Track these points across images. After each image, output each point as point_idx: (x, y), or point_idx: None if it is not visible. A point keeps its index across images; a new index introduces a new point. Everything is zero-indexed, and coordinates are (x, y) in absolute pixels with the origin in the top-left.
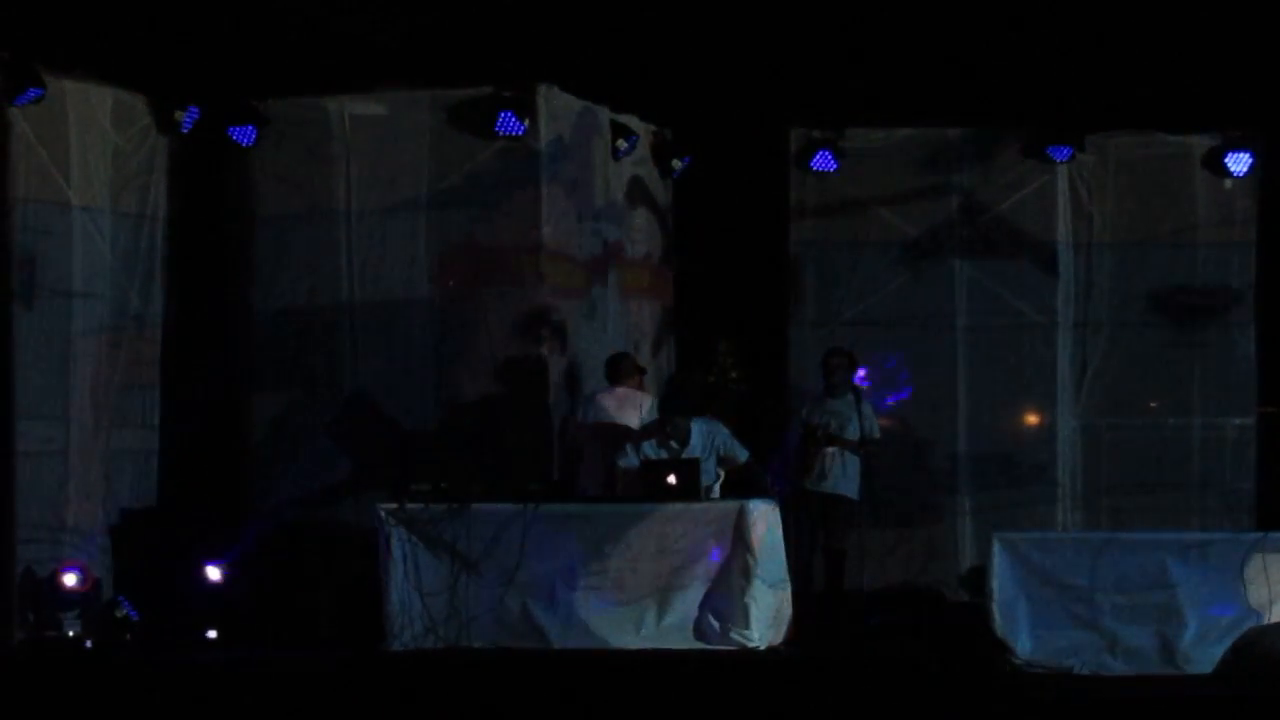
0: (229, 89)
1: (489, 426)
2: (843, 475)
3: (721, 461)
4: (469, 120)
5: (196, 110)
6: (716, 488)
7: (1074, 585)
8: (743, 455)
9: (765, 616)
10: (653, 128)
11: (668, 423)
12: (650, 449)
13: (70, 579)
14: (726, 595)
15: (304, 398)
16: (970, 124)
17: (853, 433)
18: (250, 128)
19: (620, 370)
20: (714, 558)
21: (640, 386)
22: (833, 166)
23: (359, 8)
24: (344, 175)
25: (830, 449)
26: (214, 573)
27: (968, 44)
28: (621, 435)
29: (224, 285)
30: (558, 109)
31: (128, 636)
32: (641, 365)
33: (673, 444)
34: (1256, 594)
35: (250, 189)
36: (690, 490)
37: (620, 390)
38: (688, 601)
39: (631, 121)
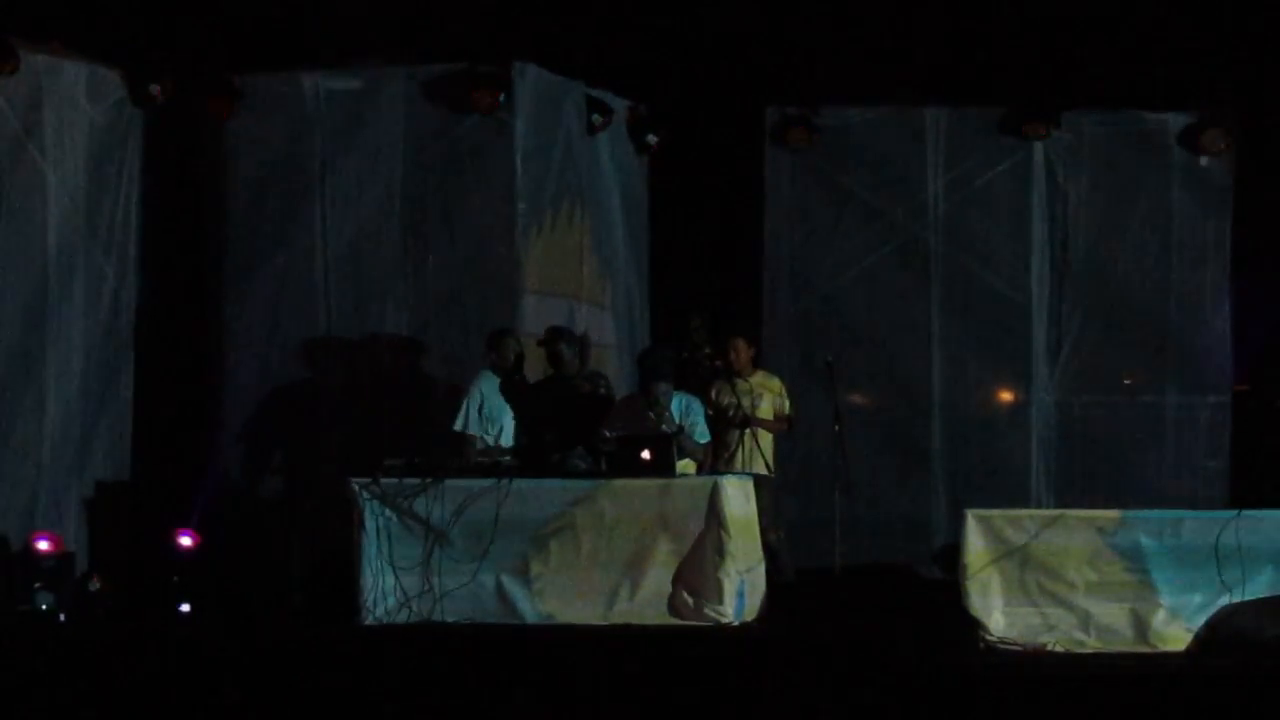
0: (204, 63)
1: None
2: (757, 456)
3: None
4: (444, 95)
5: (171, 84)
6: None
7: (1047, 562)
8: (704, 439)
9: (739, 592)
10: (628, 103)
11: (649, 392)
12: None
13: (42, 544)
14: (700, 571)
15: (278, 372)
16: (946, 101)
17: (764, 411)
18: (226, 102)
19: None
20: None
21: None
22: (808, 143)
23: None
24: (318, 149)
25: (742, 429)
26: (184, 540)
27: (944, 21)
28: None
29: (199, 259)
30: (533, 84)
31: (100, 610)
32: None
33: (651, 415)
34: (1229, 572)
35: (225, 163)
36: (665, 465)
37: None
38: (661, 577)
39: (607, 97)
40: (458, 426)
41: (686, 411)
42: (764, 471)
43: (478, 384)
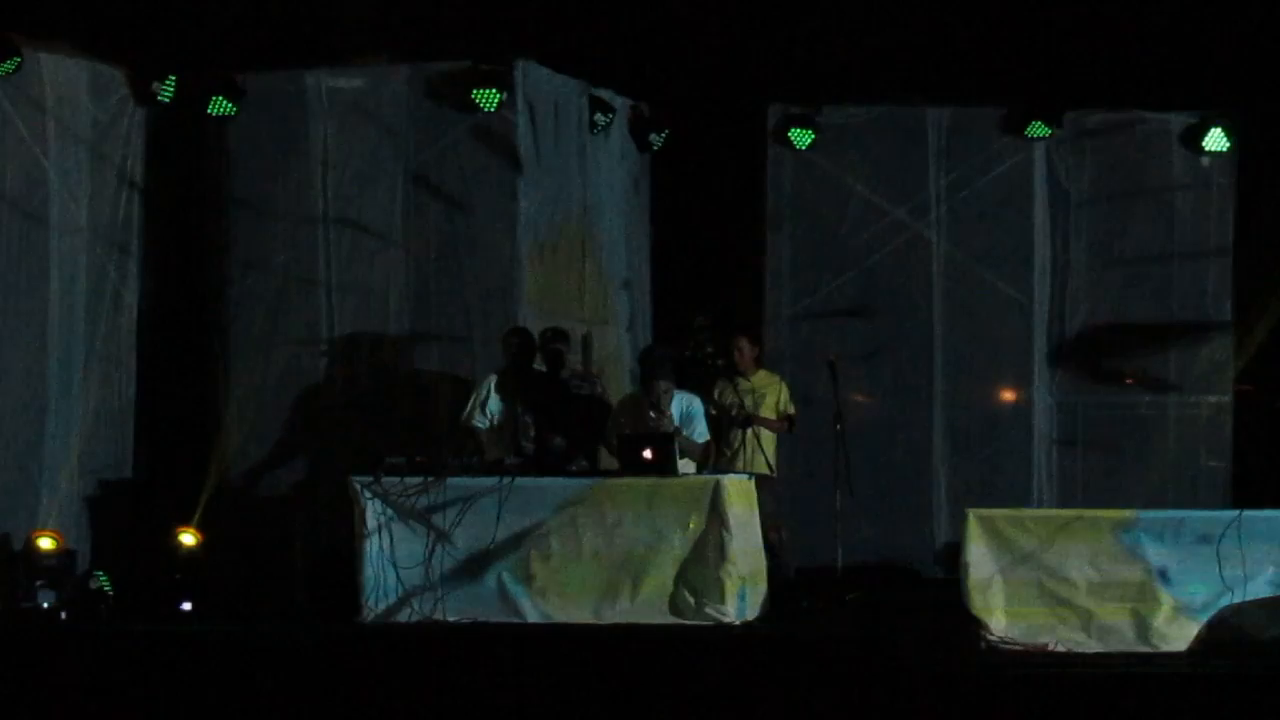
0: (207, 61)
1: (463, 399)
2: (758, 455)
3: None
4: (447, 94)
5: (174, 82)
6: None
7: (1048, 562)
8: (703, 438)
9: (740, 592)
10: (630, 102)
11: (651, 389)
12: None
13: (44, 542)
14: (702, 570)
15: (280, 370)
16: (948, 100)
17: (766, 410)
18: (228, 100)
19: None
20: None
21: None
22: (810, 142)
23: None
24: (321, 148)
25: (744, 429)
26: (186, 538)
27: (946, 20)
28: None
29: (201, 257)
30: (535, 83)
31: (103, 608)
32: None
33: (652, 414)
34: (1231, 572)
35: (228, 162)
36: (666, 465)
37: None
38: (662, 576)
39: (609, 96)
40: (463, 417)
41: (687, 411)
42: (765, 471)
43: (489, 378)
